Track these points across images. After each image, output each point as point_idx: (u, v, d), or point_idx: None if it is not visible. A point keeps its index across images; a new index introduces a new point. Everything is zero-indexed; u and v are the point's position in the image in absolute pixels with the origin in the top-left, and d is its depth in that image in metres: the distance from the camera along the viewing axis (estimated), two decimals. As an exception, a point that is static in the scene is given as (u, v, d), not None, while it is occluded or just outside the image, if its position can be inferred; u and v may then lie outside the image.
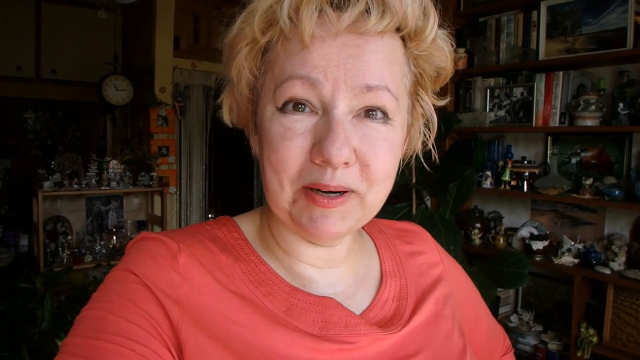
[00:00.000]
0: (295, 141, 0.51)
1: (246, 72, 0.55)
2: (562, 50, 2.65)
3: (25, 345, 1.82)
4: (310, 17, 0.49)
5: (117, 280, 0.54)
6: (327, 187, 0.50)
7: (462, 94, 3.11)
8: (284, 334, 0.54)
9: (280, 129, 0.51)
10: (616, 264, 2.46)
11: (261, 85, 0.55)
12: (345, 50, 0.50)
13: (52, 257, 3.53)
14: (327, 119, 0.50)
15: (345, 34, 0.50)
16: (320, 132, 0.50)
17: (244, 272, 0.57)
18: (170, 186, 4.42)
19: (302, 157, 0.51)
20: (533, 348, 2.77)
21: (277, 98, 0.52)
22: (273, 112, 0.53)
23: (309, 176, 0.51)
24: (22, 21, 4.94)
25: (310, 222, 0.52)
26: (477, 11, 3.01)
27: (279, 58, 0.52)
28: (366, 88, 0.51)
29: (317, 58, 0.50)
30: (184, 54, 4.54)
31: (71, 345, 0.49)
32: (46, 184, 3.41)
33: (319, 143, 0.49)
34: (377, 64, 0.51)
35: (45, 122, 6.58)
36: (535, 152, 2.98)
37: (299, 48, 0.51)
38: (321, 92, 0.50)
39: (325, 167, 0.50)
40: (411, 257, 0.73)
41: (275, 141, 0.51)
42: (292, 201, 0.53)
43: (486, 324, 0.81)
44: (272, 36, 0.53)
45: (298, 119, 0.51)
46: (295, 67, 0.51)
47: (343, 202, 0.52)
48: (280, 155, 0.51)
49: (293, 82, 0.50)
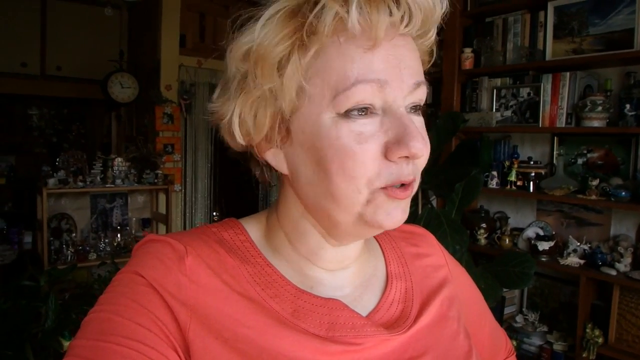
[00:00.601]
0: (370, 144, 0.51)
1: (300, 79, 0.52)
2: (569, 51, 2.63)
3: (29, 344, 1.82)
4: (384, 20, 0.49)
5: (124, 282, 0.54)
6: (408, 180, 0.52)
7: (469, 93, 3.10)
8: (291, 335, 0.54)
9: (351, 134, 0.51)
10: (622, 265, 2.45)
11: (309, 93, 0.52)
12: (398, 51, 0.52)
13: (56, 255, 3.53)
14: (393, 117, 0.52)
15: (396, 36, 0.52)
16: (391, 130, 0.51)
17: (250, 274, 0.58)
18: (175, 184, 4.42)
19: (379, 158, 0.51)
20: (538, 348, 2.76)
21: (340, 104, 0.51)
22: (334, 118, 0.51)
23: (389, 175, 0.51)
24: (27, 18, 4.95)
25: (386, 216, 0.53)
26: (484, 11, 3.00)
27: (335, 63, 0.51)
28: (416, 84, 0.53)
29: (380, 61, 0.51)
30: (190, 51, 4.54)
31: (78, 347, 0.49)
32: (51, 181, 3.42)
33: (399, 140, 0.51)
34: (417, 62, 0.55)
35: (50, 119, 6.60)
36: (542, 153, 2.96)
37: (360, 52, 0.50)
38: (386, 93, 0.51)
39: (402, 163, 0.52)
40: (416, 259, 0.73)
41: (348, 147, 0.51)
42: (367, 202, 0.53)
43: (489, 326, 0.82)
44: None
45: (367, 122, 0.51)
46: (362, 71, 0.50)
47: (412, 190, 0.54)
48: (358, 161, 0.51)
49: (362, 87, 0.50)
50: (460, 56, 3.03)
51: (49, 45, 5.09)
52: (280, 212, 0.62)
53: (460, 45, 3.06)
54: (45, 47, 5.08)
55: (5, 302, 2.02)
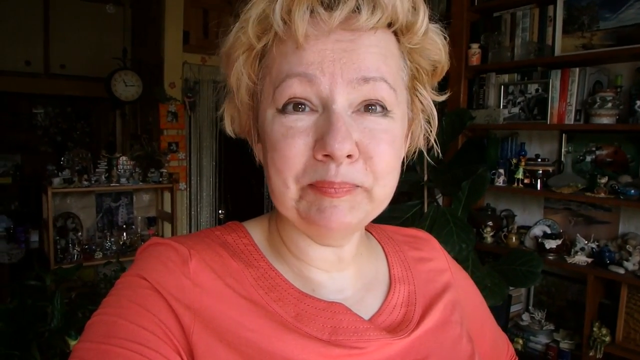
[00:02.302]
0: (297, 139, 0.51)
1: (245, 79, 0.56)
2: (578, 46, 2.60)
3: (36, 343, 1.83)
4: (302, 17, 0.50)
5: (127, 285, 0.55)
6: (331, 184, 0.51)
7: (476, 90, 3.08)
8: (294, 339, 0.54)
9: (281, 129, 0.52)
10: (630, 263, 2.43)
11: (260, 90, 0.56)
12: (339, 46, 0.51)
13: (62, 254, 3.54)
14: (327, 114, 0.51)
15: (338, 32, 0.52)
16: (321, 128, 0.51)
17: (254, 278, 0.58)
18: (180, 182, 4.42)
19: (306, 155, 0.51)
20: (545, 347, 2.75)
21: (277, 99, 0.52)
22: (274, 114, 0.53)
23: (313, 173, 0.51)
24: (30, 16, 4.96)
25: (319, 213, 0.52)
26: (492, 6, 2.97)
27: (275, 61, 0.53)
28: (363, 80, 0.52)
29: (312, 55, 0.51)
30: (193, 48, 4.53)
31: (82, 350, 0.49)
32: (55, 180, 3.42)
33: (322, 139, 0.50)
34: (372, 57, 0.52)
35: (54, 117, 6.62)
36: (550, 150, 2.94)
37: (293, 48, 0.52)
38: (319, 88, 0.51)
39: (329, 163, 0.50)
40: (419, 263, 0.74)
41: (277, 141, 0.52)
42: (298, 198, 0.53)
43: (491, 332, 0.82)
44: (267, 41, 0.54)
45: (299, 118, 0.52)
46: (292, 66, 0.52)
47: (350, 192, 0.52)
48: (283, 154, 0.52)
49: (291, 81, 0.51)
50: (467, 52, 3.01)
51: (53, 44, 5.10)
52: (277, 214, 0.63)
53: (467, 40, 3.04)
54: (49, 46, 5.10)
55: (11, 301, 2.02)
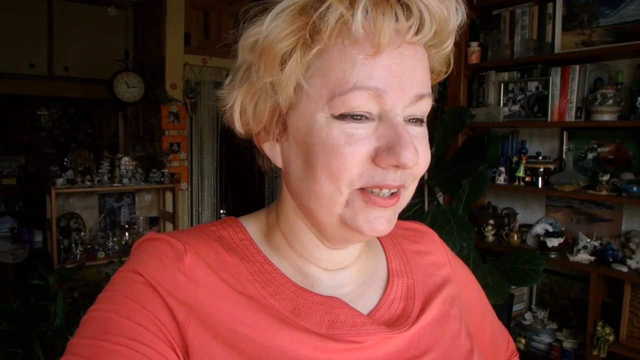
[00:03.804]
0: (359, 147, 0.50)
1: (299, 76, 0.52)
2: (578, 43, 2.59)
3: (39, 342, 1.84)
4: (388, 27, 0.48)
5: (122, 281, 0.54)
6: (391, 185, 0.52)
7: (476, 88, 3.07)
8: (291, 333, 0.54)
9: (342, 134, 0.51)
10: (633, 261, 2.41)
11: (307, 90, 0.53)
12: (404, 60, 0.51)
13: (65, 254, 3.57)
14: (389, 124, 0.51)
15: (403, 44, 0.51)
16: (384, 137, 0.51)
17: (250, 272, 0.58)
18: (182, 183, 4.43)
19: (365, 161, 0.51)
20: (548, 346, 2.74)
21: (336, 107, 0.50)
22: (328, 119, 0.51)
23: (371, 178, 0.51)
24: (34, 19, 4.99)
25: (367, 223, 0.52)
26: (491, 3, 2.97)
27: (336, 65, 0.50)
28: (419, 96, 0.52)
29: (382, 69, 0.50)
30: (194, 50, 4.55)
31: (77, 346, 0.49)
32: (59, 181, 3.44)
33: (390, 149, 0.50)
34: (424, 73, 0.54)
35: (58, 119, 6.65)
36: (551, 148, 2.93)
37: (363, 57, 0.49)
38: (384, 102, 0.50)
39: (389, 170, 0.51)
40: (418, 257, 0.73)
41: (337, 147, 0.50)
42: (346, 203, 0.53)
43: (491, 327, 0.82)
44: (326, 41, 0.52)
45: (360, 126, 0.51)
46: (361, 78, 0.49)
47: (398, 199, 0.54)
48: (344, 161, 0.50)
49: (359, 94, 0.50)
50: (467, 50, 3.00)
51: (56, 46, 5.13)
52: (278, 210, 0.63)
53: (467, 39, 3.03)
54: (53, 48, 5.12)
55: (15, 300, 2.03)
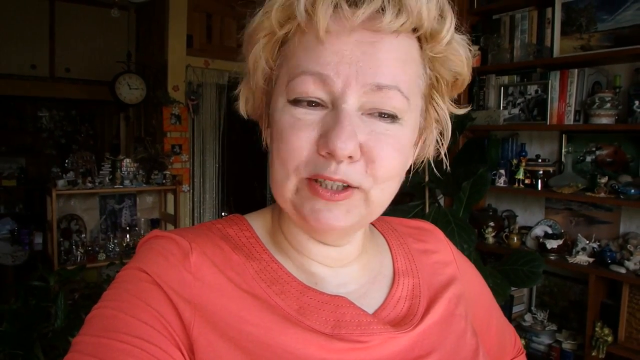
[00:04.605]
0: (304, 132, 0.51)
1: (262, 63, 0.56)
2: (577, 48, 2.61)
3: (39, 343, 1.84)
4: (326, 11, 0.49)
5: (128, 278, 0.54)
6: (330, 178, 0.50)
7: (476, 91, 3.09)
8: (296, 332, 0.53)
9: (290, 119, 0.52)
10: (632, 263, 2.42)
11: (276, 77, 0.56)
12: (359, 47, 0.50)
13: (66, 256, 3.55)
14: (336, 112, 0.50)
15: (360, 31, 0.50)
16: (327, 124, 0.50)
17: (255, 271, 0.57)
18: (183, 184, 4.43)
19: (309, 148, 0.51)
20: (547, 347, 2.75)
21: (289, 91, 0.52)
22: (284, 103, 0.53)
23: (313, 167, 0.51)
24: (36, 21, 4.98)
25: (312, 213, 0.52)
26: (491, 8, 2.98)
27: (295, 52, 0.53)
28: (377, 87, 0.51)
29: (331, 54, 0.50)
30: (196, 52, 4.54)
31: (81, 344, 0.49)
32: (60, 182, 3.43)
33: (326, 135, 0.50)
34: (390, 63, 0.51)
35: (59, 120, 6.64)
36: (550, 151, 2.94)
37: (314, 43, 0.51)
38: (332, 88, 0.50)
39: (330, 160, 0.50)
40: (424, 255, 0.72)
41: (285, 131, 0.52)
42: (295, 190, 0.53)
43: (497, 325, 0.80)
44: (290, 29, 0.53)
45: (308, 112, 0.52)
46: (309, 62, 0.51)
47: (347, 197, 0.52)
48: (289, 145, 0.51)
49: (305, 78, 0.51)
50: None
51: (58, 48, 5.12)
52: (279, 207, 0.62)
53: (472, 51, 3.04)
54: (54, 50, 5.11)
55: (15, 302, 2.03)
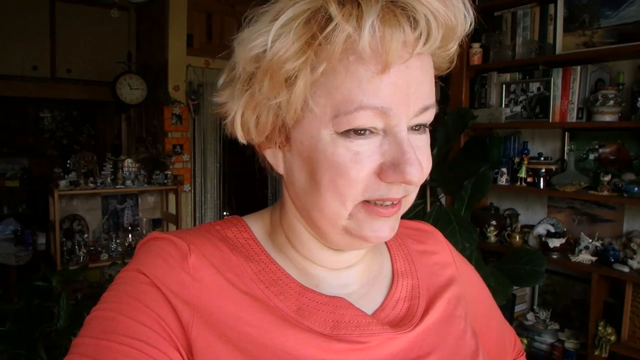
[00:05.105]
0: (365, 165, 0.50)
1: (307, 95, 0.50)
2: (579, 44, 2.60)
3: (42, 343, 1.84)
4: (397, 44, 0.46)
5: (127, 280, 0.54)
6: (394, 199, 0.52)
7: (478, 89, 3.08)
8: (295, 333, 0.54)
9: (347, 153, 0.50)
10: (635, 261, 2.41)
11: (310, 106, 0.50)
12: (410, 74, 0.49)
13: (68, 256, 3.57)
14: (394, 140, 0.50)
15: (409, 58, 0.49)
16: (388, 153, 0.50)
17: (254, 272, 0.57)
18: (185, 184, 4.44)
19: (370, 177, 0.51)
20: (550, 347, 2.74)
21: (340, 125, 0.49)
22: (332, 136, 0.50)
23: (375, 192, 0.51)
24: (37, 21, 4.99)
25: (373, 232, 0.53)
26: (493, 5, 2.97)
27: (342, 83, 0.48)
28: (424, 109, 0.52)
29: (389, 87, 0.48)
30: (197, 52, 4.56)
31: (81, 345, 0.49)
32: (62, 182, 3.45)
33: (395, 166, 0.49)
34: (429, 83, 0.52)
35: (61, 121, 6.66)
36: (552, 148, 2.93)
37: (369, 75, 0.47)
38: (389, 118, 0.49)
39: (392, 185, 0.51)
40: (423, 257, 0.72)
41: (343, 166, 0.50)
42: (349, 216, 0.53)
43: (497, 326, 0.81)
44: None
45: (364, 143, 0.50)
46: (367, 97, 0.48)
47: (400, 207, 0.54)
48: (350, 180, 0.50)
49: (364, 113, 0.48)
50: (469, 51, 3.00)
51: (59, 48, 5.13)
52: (281, 211, 0.62)
53: (469, 40, 3.04)
54: (55, 50, 5.13)
55: (18, 301, 2.04)
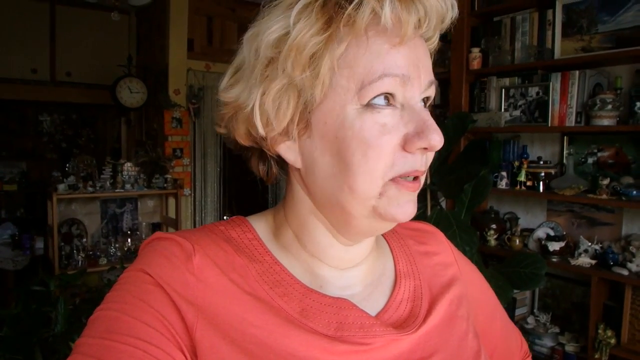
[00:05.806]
0: (392, 135, 0.52)
1: (335, 67, 0.52)
2: (578, 49, 2.61)
3: (39, 348, 1.83)
4: (413, 19, 0.51)
5: (131, 280, 0.54)
6: (420, 172, 0.54)
7: (477, 93, 3.08)
8: (299, 335, 0.54)
9: (375, 125, 0.52)
10: (634, 264, 2.41)
11: (334, 84, 0.52)
12: (417, 50, 0.54)
13: (67, 260, 3.55)
14: (412, 110, 0.53)
15: (415, 37, 0.54)
16: (410, 123, 0.53)
17: (258, 273, 0.57)
18: (185, 188, 4.43)
19: (396, 149, 0.52)
20: (550, 350, 2.74)
21: (366, 94, 0.51)
22: (359, 110, 0.52)
23: (403, 165, 0.53)
24: (37, 25, 5.00)
25: (399, 208, 0.54)
26: (492, 10, 2.98)
27: (363, 56, 0.52)
28: (430, 82, 0.56)
29: (404, 58, 0.52)
30: (197, 55, 4.56)
31: (84, 345, 0.49)
32: (61, 186, 3.44)
33: (419, 133, 0.52)
34: (430, 62, 0.57)
35: (60, 124, 6.65)
36: (552, 152, 2.94)
37: (388, 47, 0.52)
38: (406, 89, 0.53)
39: (417, 155, 0.53)
40: (425, 257, 0.72)
41: (373, 138, 0.51)
42: (379, 195, 0.53)
43: (501, 326, 0.81)
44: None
45: (388, 114, 0.52)
46: (388, 66, 0.51)
47: (419, 184, 0.56)
48: (381, 151, 0.52)
49: (388, 80, 0.51)
50: (468, 56, 3.02)
51: (59, 52, 5.13)
52: (287, 210, 0.62)
53: (468, 45, 3.05)
54: (55, 54, 5.13)
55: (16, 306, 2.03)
